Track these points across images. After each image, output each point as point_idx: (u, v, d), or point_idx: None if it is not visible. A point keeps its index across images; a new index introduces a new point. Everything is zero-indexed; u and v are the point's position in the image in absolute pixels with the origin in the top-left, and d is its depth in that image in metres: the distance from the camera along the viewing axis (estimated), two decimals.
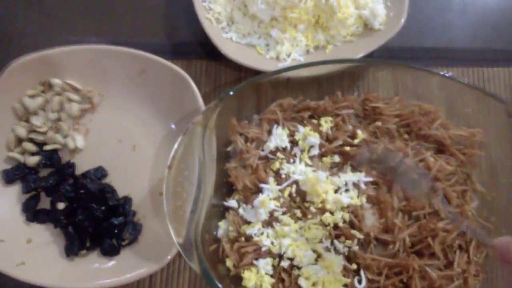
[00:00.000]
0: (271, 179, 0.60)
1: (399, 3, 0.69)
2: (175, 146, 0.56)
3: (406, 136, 0.64)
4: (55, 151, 0.64)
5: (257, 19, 0.70)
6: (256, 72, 0.71)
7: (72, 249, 0.59)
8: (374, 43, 0.68)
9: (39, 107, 0.64)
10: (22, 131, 0.63)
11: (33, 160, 0.63)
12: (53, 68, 0.65)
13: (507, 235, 0.58)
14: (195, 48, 0.72)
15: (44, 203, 0.63)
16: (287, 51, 0.69)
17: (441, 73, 0.63)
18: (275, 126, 0.63)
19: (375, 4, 0.70)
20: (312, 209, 0.59)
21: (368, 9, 0.70)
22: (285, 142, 0.61)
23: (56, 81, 0.65)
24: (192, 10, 0.68)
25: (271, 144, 0.61)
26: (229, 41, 0.70)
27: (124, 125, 0.66)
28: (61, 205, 0.60)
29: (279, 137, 0.61)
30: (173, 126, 0.66)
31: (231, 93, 0.60)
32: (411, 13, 0.69)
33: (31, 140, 0.64)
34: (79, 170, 0.64)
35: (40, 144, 0.64)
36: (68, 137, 0.65)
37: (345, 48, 0.71)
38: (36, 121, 0.63)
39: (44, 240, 0.61)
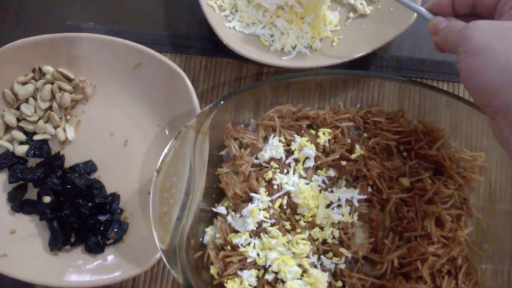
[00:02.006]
0: (262, 189, 0.58)
1: None
2: (165, 150, 0.54)
3: (405, 154, 0.62)
4: (44, 141, 0.63)
5: (262, 8, 0.67)
6: (258, 71, 0.69)
7: (56, 244, 0.59)
8: (383, 38, 0.64)
9: (30, 94, 0.62)
10: (11, 119, 0.62)
11: (22, 150, 0.61)
12: (45, 55, 0.62)
13: (499, 264, 0.58)
14: (195, 42, 0.69)
15: (31, 193, 0.62)
16: (292, 43, 0.66)
17: (450, 92, 0.60)
18: (272, 136, 0.61)
19: None
20: (302, 222, 0.58)
21: None
22: (280, 154, 0.59)
23: (48, 68, 0.63)
24: None
25: (266, 154, 0.59)
26: (232, 31, 0.67)
27: (116, 118, 0.65)
28: (47, 199, 0.59)
29: (274, 148, 0.59)
30: (166, 124, 0.64)
31: (222, 102, 0.57)
32: (424, 24, 0.65)
33: (20, 129, 0.63)
34: (68, 163, 0.63)
35: (29, 133, 0.63)
36: (58, 127, 0.63)
37: (352, 40, 0.67)
38: (26, 109, 0.62)
39: (29, 232, 0.60)
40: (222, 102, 0.56)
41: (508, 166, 0.60)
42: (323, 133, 0.61)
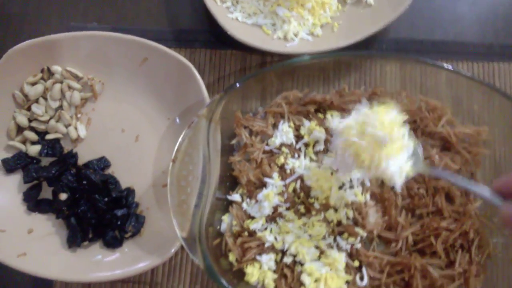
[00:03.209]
0: (275, 174, 0.59)
1: None
2: (180, 139, 0.55)
3: (412, 132, 0.63)
4: (57, 140, 0.63)
5: None
6: (262, 61, 0.70)
7: (74, 241, 0.59)
8: (381, 20, 0.65)
9: (40, 94, 0.63)
10: (23, 119, 0.62)
11: (35, 149, 0.62)
12: (53, 55, 0.63)
13: (509, 236, 0.59)
14: (199, 36, 0.70)
15: (46, 193, 0.63)
16: (295, 30, 0.67)
17: (450, 67, 0.62)
18: (281, 122, 0.62)
19: None
20: (316, 205, 0.58)
21: None
22: (290, 139, 0.60)
23: (57, 68, 0.63)
24: None
25: (277, 140, 0.60)
26: (235, 21, 0.68)
27: (126, 114, 0.65)
28: (63, 196, 0.59)
29: (285, 134, 0.60)
30: (176, 116, 0.65)
31: (238, 85, 0.58)
32: (422, 5, 0.67)
33: (32, 129, 0.63)
34: (81, 160, 0.64)
35: (41, 133, 0.63)
36: (70, 126, 0.64)
37: (353, 25, 0.68)
38: (37, 109, 0.62)
39: (46, 230, 0.61)
40: (237, 85, 0.57)
41: (511, 139, 0.62)
42: (331, 115, 0.62)
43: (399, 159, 0.50)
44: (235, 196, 0.60)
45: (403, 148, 0.51)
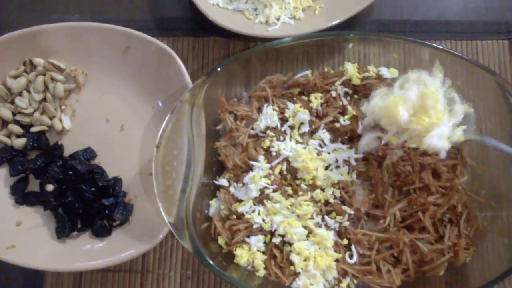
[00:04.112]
0: (261, 157, 0.60)
1: None
2: (163, 124, 0.55)
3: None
4: (42, 132, 0.63)
5: None
6: (245, 47, 0.70)
7: (63, 231, 0.59)
8: (363, 2, 0.65)
9: (23, 87, 0.63)
10: (7, 113, 0.62)
11: (20, 143, 0.62)
12: (35, 47, 0.63)
13: (497, 208, 0.60)
14: (181, 24, 0.70)
15: (33, 185, 0.63)
16: (276, 14, 0.67)
17: (433, 45, 0.62)
18: (266, 105, 0.62)
19: None
20: (303, 186, 0.59)
21: None
22: (275, 122, 0.61)
23: (39, 60, 0.63)
24: None
25: (262, 124, 0.60)
26: (216, 7, 0.68)
27: (111, 104, 0.65)
28: (50, 187, 0.59)
29: (269, 117, 0.60)
30: (160, 104, 0.65)
31: (219, 69, 0.59)
32: None
33: (16, 122, 0.63)
34: (67, 152, 0.64)
35: (26, 126, 0.63)
36: (54, 118, 0.64)
37: (335, 8, 0.68)
38: (21, 102, 0.62)
39: (34, 222, 0.61)
40: (219, 69, 0.58)
41: (496, 113, 0.62)
42: (315, 98, 0.62)
43: (444, 125, 0.55)
44: (222, 181, 0.60)
45: (449, 113, 0.55)
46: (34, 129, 0.63)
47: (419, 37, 0.70)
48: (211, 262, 0.53)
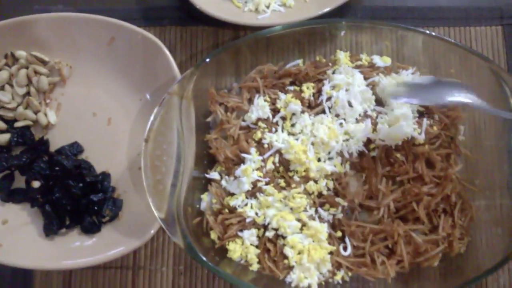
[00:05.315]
0: (253, 149, 0.58)
1: None
2: (151, 118, 0.54)
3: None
4: (26, 127, 0.62)
5: None
6: (234, 36, 0.68)
7: (51, 228, 0.58)
8: None
9: (5, 81, 0.61)
10: None
11: (3, 138, 0.60)
12: (16, 39, 0.61)
13: (490, 197, 0.59)
14: (168, 13, 0.68)
15: (19, 182, 0.61)
16: (266, 1, 0.66)
17: (425, 31, 0.61)
18: (257, 96, 0.61)
19: None
20: (296, 178, 0.58)
21: None
22: (267, 113, 0.59)
23: (21, 53, 0.61)
24: None
25: (253, 115, 0.59)
26: None
27: (97, 97, 0.64)
28: (36, 184, 0.58)
29: (261, 108, 0.59)
30: (148, 96, 0.64)
31: (208, 59, 0.57)
32: None
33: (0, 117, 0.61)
34: (53, 147, 0.62)
35: (10, 121, 0.62)
36: (39, 112, 0.62)
37: None
38: (3, 96, 0.60)
39: (21, 220, 0.59)
40: (207, 60, 0.56)
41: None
42: (307, 87, 0.61)
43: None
44: (214, 174, 0.59)
45: None
46: (18, 124, 0.61)
47: (411, 24, 0.69)
48: (203, 258, 0.52)
